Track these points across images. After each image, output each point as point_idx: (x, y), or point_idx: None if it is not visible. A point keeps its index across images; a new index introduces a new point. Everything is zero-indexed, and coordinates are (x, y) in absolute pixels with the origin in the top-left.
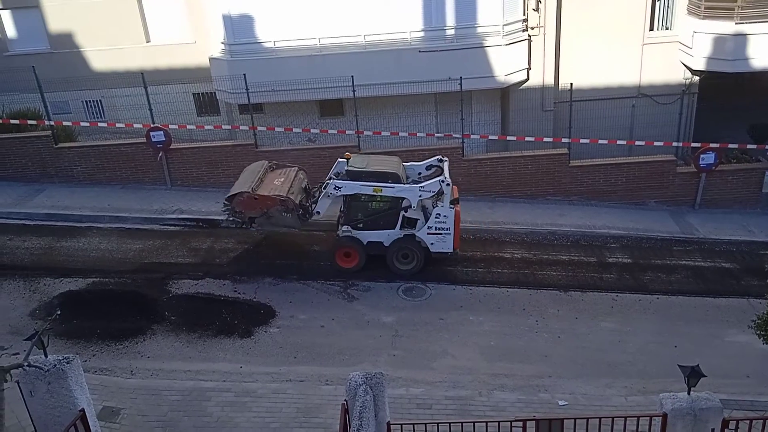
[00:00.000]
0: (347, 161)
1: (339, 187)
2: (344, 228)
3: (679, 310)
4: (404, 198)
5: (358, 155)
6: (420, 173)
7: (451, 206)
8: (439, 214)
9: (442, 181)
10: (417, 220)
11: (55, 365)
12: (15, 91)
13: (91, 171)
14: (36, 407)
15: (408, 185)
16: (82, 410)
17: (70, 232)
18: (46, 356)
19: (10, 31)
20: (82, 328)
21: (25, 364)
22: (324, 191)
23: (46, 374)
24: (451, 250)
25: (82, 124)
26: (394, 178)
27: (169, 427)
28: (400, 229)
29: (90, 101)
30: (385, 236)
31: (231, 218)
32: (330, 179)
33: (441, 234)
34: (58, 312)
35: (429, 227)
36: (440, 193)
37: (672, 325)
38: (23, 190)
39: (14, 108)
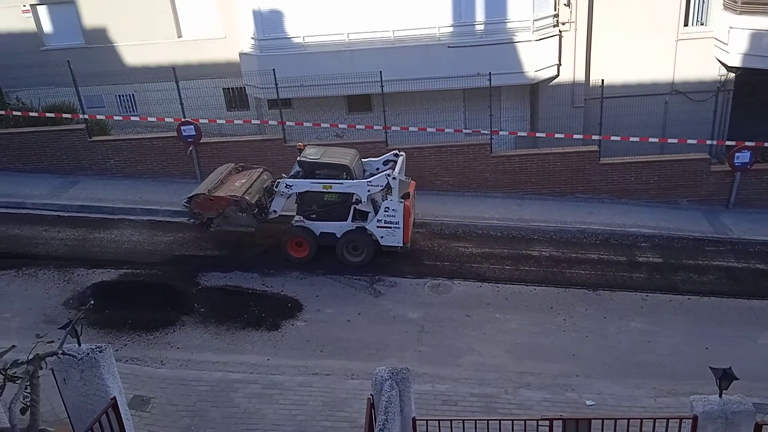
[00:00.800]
0: (300, 152)
1: (290, 186)
2: (297, 218)
3: (711, 311)
4: (354, 193)
5: (313, 146)
6: (378, 168)
7: (401, 200)
8: (388, 208)
9: (388, 175)
10: (368, 213)
11: (88, 354)
12: (50, 85)
13: (124, 164)
14: (69, 394)
15: (356, 181)
16: (114, 398)
17: (103, 224)
18: (79, 345)
19: (47, 26)
20: (114, 318)
21: (60, 352)
22: (276, 190)
23: (80, 362)
24: (401, 245)
25: (115, 117)
26: (345, 170)
27: (197, 417)
28: (352, 221)
29: (123, 95)
30: (338, 227)
31: (191, 219)
32: (282, 177)
33: (390, 227)
34: (92, 302)
35: (379, 220)
36: (388, 186)
37: (703, 327)
38: (58, 182)
39: (50, 101)
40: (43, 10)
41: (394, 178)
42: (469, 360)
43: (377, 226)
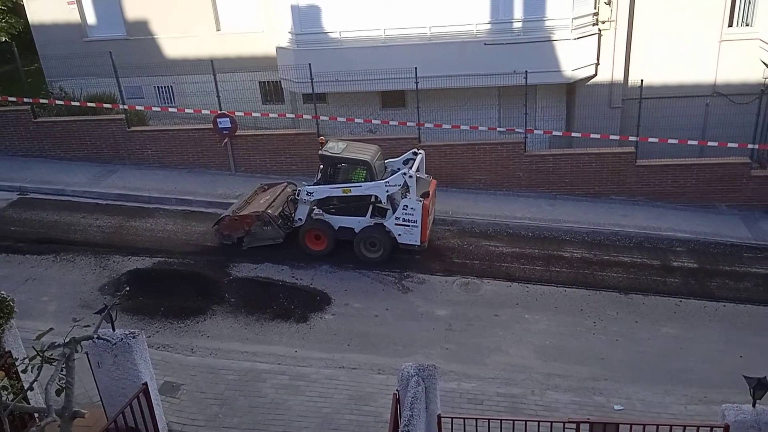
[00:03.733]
0: (321, 145)
1: (311, 193)
2: (316, 211)
3: (747, 319)
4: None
5: (335, 140)
6: (399, 167)
7: (419, 199)
8: (407, 206)
9: (404, 174)
10: (387, 209)
11: (122, 339)
12: (92, 75)
13: (161, 154)
14: (102, 378)
15: (374, 183)
16: (145, 384)
17: (139, 213)
18: (113, 330)
19: (90, 18)
20: (147, 305)
21: (95, 336)
22: (298, 198)
23: (113, 347)
24: (419, 243)
25: (154, 108)
26: (366, 166)
27: (225, 405)
28: (371, 217)
29: (161, 87)
30: (356, 222)
31: (223, 241)
32: (303, 185)
33: (408, 226)
34: (127, 288)
35: (397, 218)
36: (405, 185)
37: (738, 335)
38: (97, 170)
39: (91, 91)
40: (87, 2)
41: (410, 177)
42: (497, 359)
43: (395, 224)
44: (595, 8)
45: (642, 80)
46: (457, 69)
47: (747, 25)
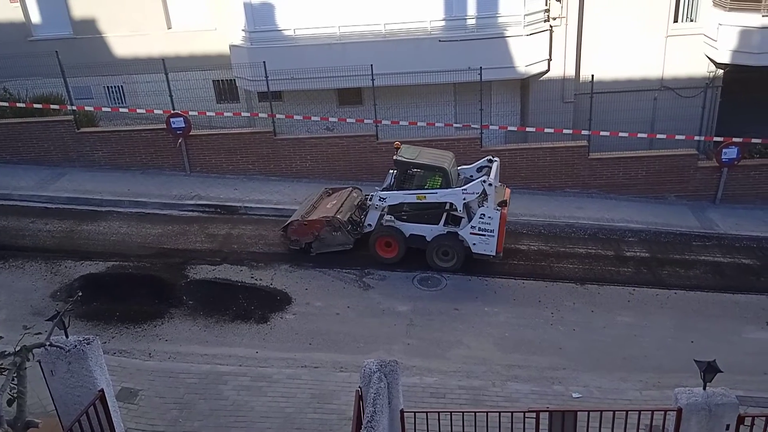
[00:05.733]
0: (397, 150)
1: (384, 198)
2: (387, 217)
3: (697, 305)
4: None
5: (410, 146)
6: (472, 175)
7: (498, 208)
8: (484, 215)
9: (484, 182)
10: (462, 218)
11: (76, 346)
12: (38, 75)
13: (112, 156)
14: (56, 386)
15: (451, 190)
16: (102, 390)
17: (91, 216)
18: (67, 337)
19: (35, 17)
20: (102, 310)
21: (47, 343)
22: (370, 203)
23: (67, 354)
24: (494, 254)
25: (104, 109)
26: (442, 173)
27: (185, 410)
28: (444, 225)
29: (111, 87)
30: (428, 230)
31: (291, 246)
32: (375, 190)
33: (484, 235)
34: (79, 294)
35: (473, 227)
36: (484, 193)
37: (689, 321)
38: (45, 173)
39: (37, 92)
40: (31, 0)
41: (489, 185)
42: (458, 353)
43: (471, 233)
44: (546, 5)
45: (593, 75)
46: (412, 66)
47: (691, 20)
